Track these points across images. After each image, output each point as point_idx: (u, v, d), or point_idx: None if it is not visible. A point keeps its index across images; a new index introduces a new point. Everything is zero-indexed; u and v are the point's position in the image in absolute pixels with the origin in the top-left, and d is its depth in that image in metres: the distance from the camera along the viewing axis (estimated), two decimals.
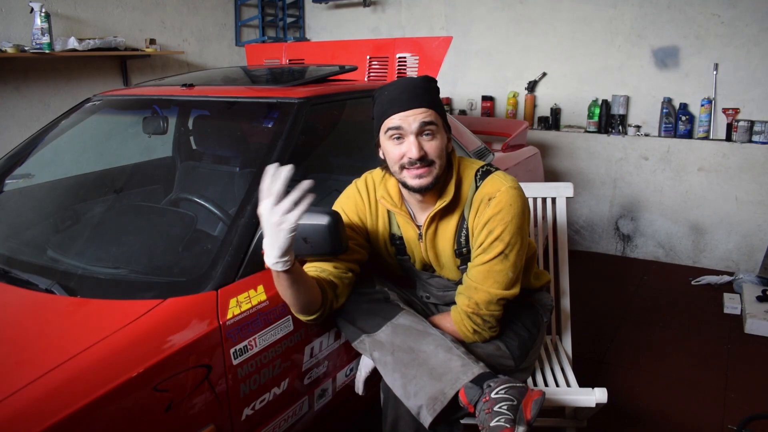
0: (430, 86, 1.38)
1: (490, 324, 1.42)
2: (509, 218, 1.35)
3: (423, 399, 1.27)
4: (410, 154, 1.32)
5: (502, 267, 1.37)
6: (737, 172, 3.48)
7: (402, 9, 4.48)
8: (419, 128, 1.32)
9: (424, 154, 1.33)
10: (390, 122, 1.35)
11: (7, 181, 1.89)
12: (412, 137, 1.33)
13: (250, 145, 2.06)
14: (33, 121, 3.21)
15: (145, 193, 2.17)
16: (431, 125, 1.33)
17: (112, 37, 3.38)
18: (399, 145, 1.35)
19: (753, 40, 3.39)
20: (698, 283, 3.41)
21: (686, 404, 2.23)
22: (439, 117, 1.36)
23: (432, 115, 1.34)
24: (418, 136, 1.33)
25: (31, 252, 1.62)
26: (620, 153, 3.80)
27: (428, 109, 1.33)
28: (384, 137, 1.38)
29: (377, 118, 1.39)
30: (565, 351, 1.88)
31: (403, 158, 1.34)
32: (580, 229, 4.06)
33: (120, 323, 1.16)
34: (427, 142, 1.34)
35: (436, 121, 1.34)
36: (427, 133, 1.34)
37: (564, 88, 4.00)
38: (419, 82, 1.37)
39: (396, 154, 1.35)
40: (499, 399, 1.21)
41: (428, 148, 1.34)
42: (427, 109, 1.33)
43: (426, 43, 2.45)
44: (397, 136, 1.34)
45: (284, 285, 1.26)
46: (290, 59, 2.83)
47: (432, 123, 1.33)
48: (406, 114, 1.33)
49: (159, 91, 2.09)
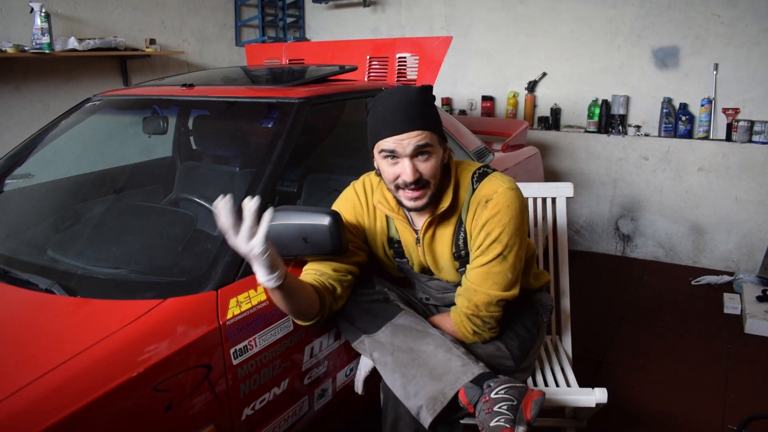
0: (425, 100, 1.34)
1: (490, 325, 1.42)
2: (507, 219, 1.35)
3: (423, 399, 1.27)
4: (405, 177, 1.31)
5: (501, 268, 1.37)
6: (737, 172, 3.48)
7: (402, 9, 4.47)
8: (414, 152, 1.30)
9: (419, 176, 1.31)
10: (384, 144, 1.32)
11: (7, 181, 1.89)
12: (407, 160, 1.30)
13: (250, 145, 2.06)
14: (33, 121, 3.21)
15: (145, 193, 2.17)
16: (426, 147, 1.31)
17: (112, 37, 3.38)
18: (393, 165, 1.33)
19: (753, 40, 3.39)
20: (698, 283, 3.41)
21: (686, 404, 2.23)
22: (434, 135, 1.32)
23: (427, 136, 1.30)
24: (412, 159, 1.31)
25: (31, 252, 1.62)
26: (620, 153, 3.80)
27: (423, 131, 1.30)
28: (378, 156, 1.36)
29: (371, 136, 1.36)
30: (565, 351, 1.88)
31: (398, 179, 1.33)
32: (580, 229, 4.06)
33: (120, 323, 1.16)
34: (422, 163, 1.32)
35: (431, 141, 1.31)
36: (422, 154, 1.31)
37: (564, 88, 4.00)
38: (414, 98, 1.32)
39: (391, 175, 1.34)
40: (499, 399, 1.21)
41: (423, 169, 1.32)
42: (421, 132, 1.29)
43: (426, 43, 2.45)
44: (392, 157, 1.33)
45: (278, 299, 1.25)
46: (290, 59, 2.84)
47: (427, 145, 1.30)
48: (400, 138, 1.29)
49: (159, 91, 2.09)
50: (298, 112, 1.70)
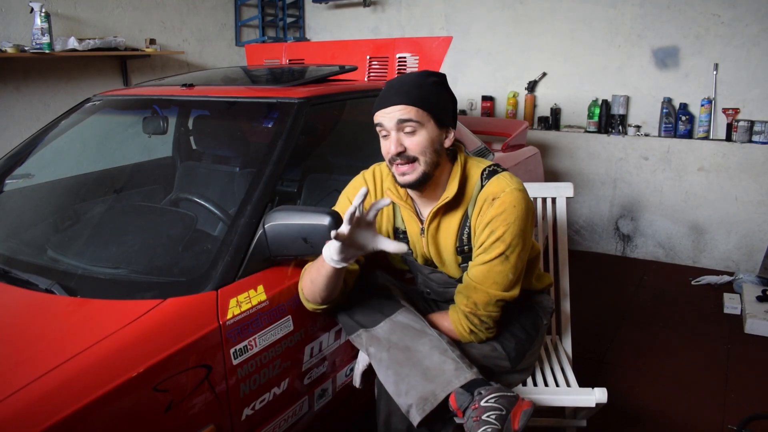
0: (424, 82, 1.36)
1: (488, 325, 1.42)
2: (512, 219, 1.35)
3: (413, 398, 1.27)
4: (390, 150, 1.35)
5: (503, 268, 1.37)
6: (737, 172, 3.48)
7: (402, 9, 4.48)
8: (397, 125, 1.33)
9: (403, 149, 1.34)
10: (375, 119, 1.38)
11: (7, 181, 1.89)
12: (393, 133, 1.34)
13: (250, 145, 2.06)
14: (33, 121, 3.21)
15: (145, 193, 2.17)
16: (410, 122, 1.33)
17: (112, 37, 3.37)
18: (385, 140, 1.37)
19: (753, 40, 3.39)
20: (698, 283, 3.41)
21: (686, 404, 2.23)
22: (423, 112, 1.33)
23: (412, 111, 1.32)
24: (398, 132, 1.34)
25: (31, 252, 1.62)
26: (620, 153, 3.80)
27: (407, 105, 1.32)
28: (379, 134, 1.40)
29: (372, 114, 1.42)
30: (565, 351, 1.88)
31: (389, 153, 1.36)
32: (580, 229, 4.06)
33: (120, 323, 1.16)
34: (407, 138, 1.34)
35: (417, 118, 1.33)
36: (407, 130, 1.34)
37: (564, 88, 4.00)
38: (411, 79, 1.37)
39: (384, 150, 1.38)
40: (488, 408, 1.21)
41: (408, 144, 1.34)
42: (405, 106, 1.32)
43: (426, 43, 2.45)
44: (384, 133, 1.37)
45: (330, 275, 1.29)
46: (290, 59, 2.83)
47: (410, 120, 1.32)
48: (386, 111, 1.34)
49: (159, 91, 2.09)
50: (298, 112, 1.70)
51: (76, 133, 2.04)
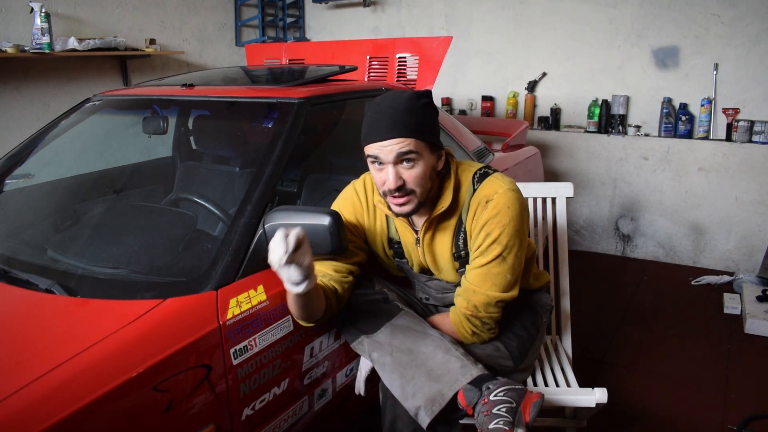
0: (415, 107, 1.30)
1: (489, 326, 1.42)
2: (507, 221, 1.35)
3: (421, 400, 1.27)
4: (388, 185, 1.31)
5: (500, 269, 1.36)
6: (737, 172, 3.48)
7: (402, 9, 4.47)
8: (396, 159, 1.29)
9: (402, 183, 1.31)
10: (369, 150, 1.32)
11: (7, 181, 1.89)
12: (390, 167, 1.30)
13: (250, 145, 2.06)
14: (33, 121, 3.21)
15: (145, 193, 2.17)
16: (410, 154, 1.29)
17: (112, 37, 3.38)
18: (380, 171, 1.33)
19: (753, 40, 3.39)
20: (698, 283, 3.41)
21: (686, 404, 2.23)
22: (421, 143, 1.30)
23: (411, 143, 1.28)
24: (396, 165, 1.30)
25: (31, 252, 1.62)
26: (620, 153, 3.80)
27: (407, 138, 1.27)
28: (368, 161, 1.36)
29: (362, 140, 1.36)
30: (565, 351, 1.88)
31: (384, 185, 1.33)
32: (580, 229, 4.06)
33: (120, 323, 1.16)
34: (406, 171, 1.30)
35: (416, 149, 1.29)
36: (406, 161, 1.30)
37: (564, 88, 4.00)
38: (403, 105, 1.30)
39: (378, 180, 1.35)
40: (497, 401, 1.21)
41: (407, 177, 1.31)
42: (404, 139, 1.27)
43: (426, 43, 2.45)
44: (378, 163, 1.32)
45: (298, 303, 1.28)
46: (290, 59, 2.84)
47: (410, 152, 1.29)
48: (383, 144, 1.29)
49: (159, 91, 2.08)
50: (298, 112, 1.70)
51: (76, 133, 2.04)
